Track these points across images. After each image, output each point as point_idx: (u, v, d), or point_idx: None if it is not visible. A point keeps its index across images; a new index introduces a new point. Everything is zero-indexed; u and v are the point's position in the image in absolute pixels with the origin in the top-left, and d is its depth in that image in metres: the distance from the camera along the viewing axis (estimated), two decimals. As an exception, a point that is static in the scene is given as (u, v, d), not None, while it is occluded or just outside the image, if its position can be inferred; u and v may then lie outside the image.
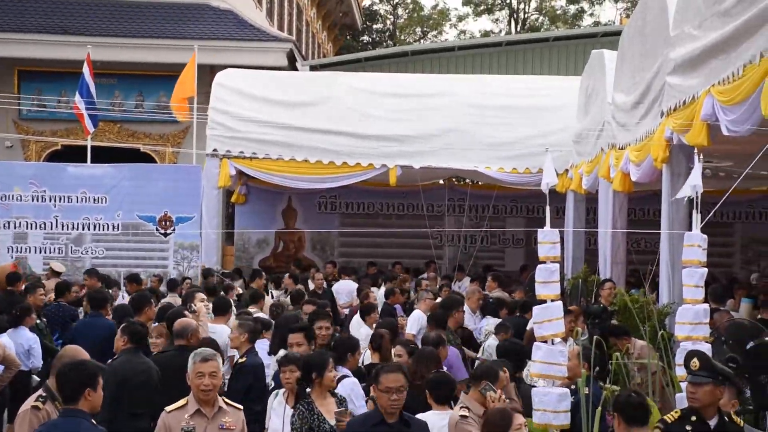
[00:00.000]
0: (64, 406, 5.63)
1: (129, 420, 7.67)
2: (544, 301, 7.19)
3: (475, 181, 21.67)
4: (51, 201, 17.93)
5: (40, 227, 17.89)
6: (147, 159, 24.55)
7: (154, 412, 7.02)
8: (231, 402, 6.50)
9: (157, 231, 18.07)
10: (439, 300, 12.35)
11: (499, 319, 11.90)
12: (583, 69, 16.52)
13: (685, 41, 9.10)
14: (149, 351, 8.88)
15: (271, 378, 8.85)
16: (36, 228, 17.87)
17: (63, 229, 17.96)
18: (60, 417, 5.72)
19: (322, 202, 21.22)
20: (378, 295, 14.16)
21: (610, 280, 12.48)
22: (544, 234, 7.31)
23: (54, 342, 11.77)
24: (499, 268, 20.63)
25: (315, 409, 6.74)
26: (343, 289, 16.33)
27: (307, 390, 6.88)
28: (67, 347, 7.22)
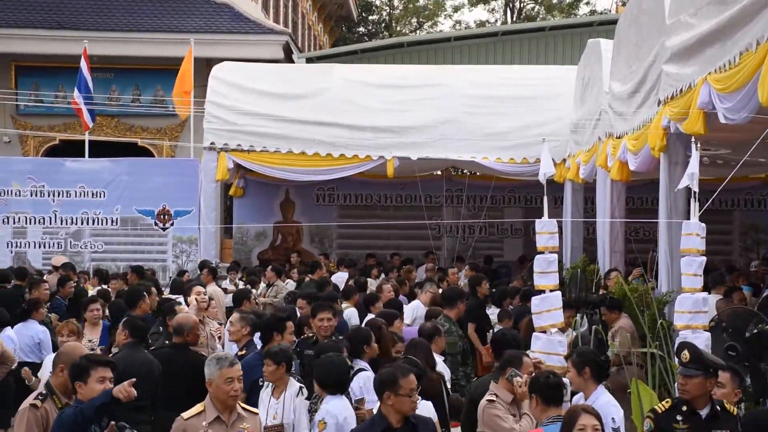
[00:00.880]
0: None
1: (130, 412, 7.67)
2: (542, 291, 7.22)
3: (472, 172, 21.64)
4: (50, 196, 17.96)
5: (39, 222, 17.93)
6: (145, 153, 24.58)
7: (154, 404, 7.05)
8: (248, 407, 6.38)
9: (155, 225, 18.10)
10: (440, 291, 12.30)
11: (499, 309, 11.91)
12: (579, 58, 16.48)
13: (681, 29, 9.08)
14: (149, 346, 8.88)
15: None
16: (35, 223, 17.90)
17: (62, 223, 18.01)
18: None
19: (320, 194, 21.19)
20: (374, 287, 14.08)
21: (616, 269, 12.48)
22: (543, 224, 7.34)
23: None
24: (497, 258, 20.67)
25: None
26: (340, 281, 16.28)
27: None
28: (66, 344, 7.31)
